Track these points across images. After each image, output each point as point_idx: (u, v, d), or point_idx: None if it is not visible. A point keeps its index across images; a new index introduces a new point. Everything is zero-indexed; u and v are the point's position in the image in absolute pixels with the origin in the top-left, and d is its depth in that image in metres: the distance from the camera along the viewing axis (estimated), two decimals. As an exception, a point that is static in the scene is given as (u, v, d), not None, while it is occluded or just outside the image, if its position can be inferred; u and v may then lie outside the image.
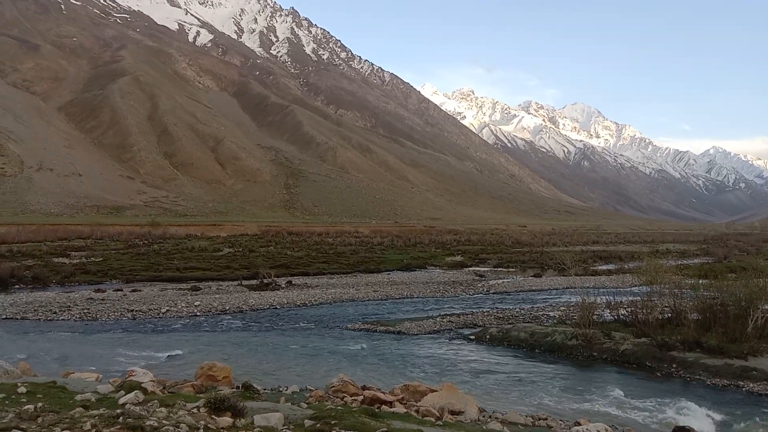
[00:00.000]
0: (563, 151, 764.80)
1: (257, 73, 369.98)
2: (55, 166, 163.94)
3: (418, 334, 21.84)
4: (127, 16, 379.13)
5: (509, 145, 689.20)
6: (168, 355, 18.01)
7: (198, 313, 25.55)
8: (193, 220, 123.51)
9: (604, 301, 22.87)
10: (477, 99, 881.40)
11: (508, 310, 26.94)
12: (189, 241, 67.93)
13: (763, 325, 18.07)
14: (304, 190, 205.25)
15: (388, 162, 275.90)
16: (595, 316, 20.75)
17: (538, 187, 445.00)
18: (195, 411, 7.97)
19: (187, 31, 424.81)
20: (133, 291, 31.23)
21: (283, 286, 34.54)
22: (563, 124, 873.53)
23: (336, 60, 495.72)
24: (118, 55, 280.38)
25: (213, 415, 7.84)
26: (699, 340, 17.49)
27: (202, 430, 7.20)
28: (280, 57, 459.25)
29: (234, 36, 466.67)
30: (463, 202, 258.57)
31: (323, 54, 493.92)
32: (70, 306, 25.99)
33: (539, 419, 11.90)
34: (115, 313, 24.83)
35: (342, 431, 7.92)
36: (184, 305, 26.88)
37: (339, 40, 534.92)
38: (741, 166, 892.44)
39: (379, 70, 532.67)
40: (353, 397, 11.67)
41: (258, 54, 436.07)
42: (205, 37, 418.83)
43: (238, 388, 12.04)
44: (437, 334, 22.10)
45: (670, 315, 20.83)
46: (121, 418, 7.08)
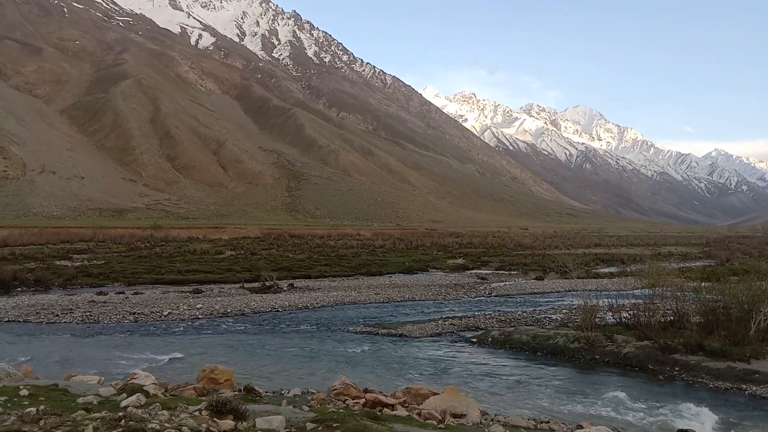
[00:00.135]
0: (565, 153, 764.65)
1: (259, 76, 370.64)
2: (57, 169, 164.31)
3: (419, 337, 21.81)
4: (130, 20, 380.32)
5: (511, 147, 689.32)
6: (170, 358, 18.01)
7: (200, 316, 25.55)
8: (195, 223, 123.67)
9: (607, 304, 22.84)
10: (479, 101, 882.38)
11: (510, 313, 26.91)
12: (191, 243, 67.97)
13: (765, 327, 18.02)
14: (306, 193, 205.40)
15: (390, 165, 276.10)
16: (597, 319, 20.74)
17: (540, 189, 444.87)
18: (197, 414, 7.97)
19: (189, 34, 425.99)
20: (135, 294, 31.24)
21: (284, 288, 34.51)
22: (565, 127, 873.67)
23: (338, 63, 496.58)
24: (120, 58, 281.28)
25: (215, 418, 7.84)
26: (701, 343, 17.45)
27: (203, 433, 7.20)
28: (282, 60, 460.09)
29: (236, 39, 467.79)
30: (464, 204, 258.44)
31: (325, 57, 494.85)
32: (72, 309, 26.00)
33: (541, 422, 11.87)
34: (117, 316, 24.84)
35: (344, 434, 7.91)
36: (185, 308, 26.89)
37: (341, 43, 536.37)
38: (743, 169, 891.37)
39: (381, 73, 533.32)
40: (355, 400, 11.66)
41: (260, 57, 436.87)
42: (207, 40, 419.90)
43: (240, 390, 12.03)
44: (439, 336, 22.07)
45: (672, 318, 20.80)
46: (123, 421, 7.08)
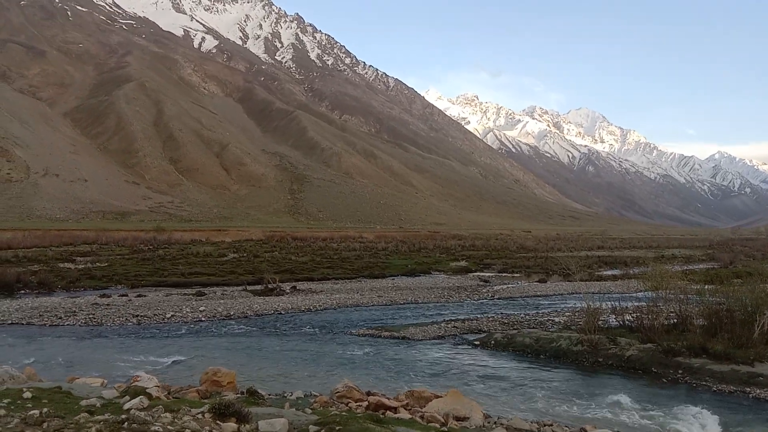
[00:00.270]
0: (568, 156, 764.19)
1: (262, 78, 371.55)
2: (60, 172, 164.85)
3: (422, 340, 21.78)
4: (133, 23, 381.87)
5: (514, 150, 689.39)
6: (173, 361, 18.01)
7: (203, 319, 25.55)
8: (198, 226, 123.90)
9: (610, 306, 22.77)
10: (481, 104, 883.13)
11: (512, 316, 26.85)
12: (194, 246, 68.10)
13: (769, 330, 17.94)
14: (309, 196, 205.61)
15: (393, 167, 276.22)
16: (600, 322, 20.68)
17: (543, 192, 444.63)
18: (200, 416, 7.98)
19: (192, 37, 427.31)
20: (138, 296, 31.27)
21: (287, 291, 34.51)
22: (568, 129, 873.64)
23: (340, 65, 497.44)
24: (123, 61, 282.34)
25: (218, 421, 7.85)
26: (705, 346, 17.39)
27: (206, 436, 7.21)
28: (285, 63, 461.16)
29: (239, 42, 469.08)
30: (467, 207, 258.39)
31: (328, 60, 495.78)
32: (75, 311, 26.04)
33: (544, 425, 11.85)
34: (120, 319, 24.87)
35: (346, 437, 7.90)
36: (188, 310, 26.90)
37: (343, 46, 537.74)
38: (746, 171, 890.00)
39: (384, 76, 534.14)
40: (358, 403, 11.66)
41: (263, 60, 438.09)
42: (210, 43, 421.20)
43: (242, 393, 12.04)
44: (442, 339, 22.03)
45: (675, 320, 20.72)
46: (125, 423, 7.09)
